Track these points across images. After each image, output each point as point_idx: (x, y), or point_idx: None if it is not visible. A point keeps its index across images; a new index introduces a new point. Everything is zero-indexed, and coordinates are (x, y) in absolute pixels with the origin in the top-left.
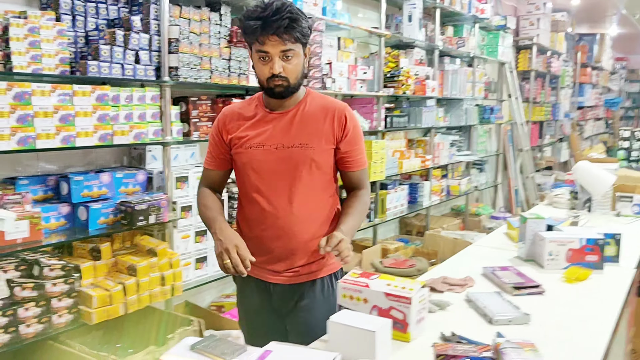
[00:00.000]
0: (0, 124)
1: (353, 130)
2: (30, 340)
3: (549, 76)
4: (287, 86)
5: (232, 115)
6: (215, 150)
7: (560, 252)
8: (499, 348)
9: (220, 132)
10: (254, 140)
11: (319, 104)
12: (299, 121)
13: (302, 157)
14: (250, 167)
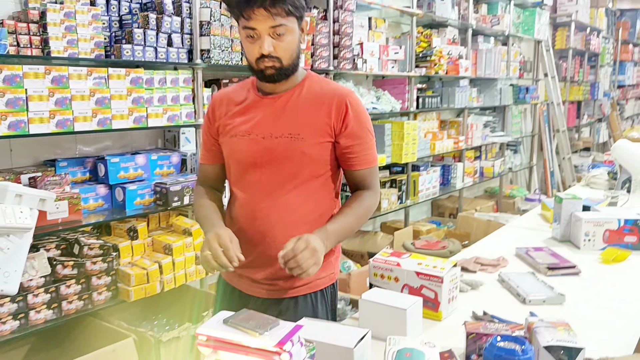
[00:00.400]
0: (40, 107)
1: (355, 121)
2: (72, 316)
3: (588, 54)
4: (279, 68)
5: (222, 99)
6: (208, 141)
7: (597, 233)
8: (532, 327)
9: (209, 119)
10: (240, 127)
11: (318, 89)
12: (292, 108)
13: (291, 150)
14: (234, 159)
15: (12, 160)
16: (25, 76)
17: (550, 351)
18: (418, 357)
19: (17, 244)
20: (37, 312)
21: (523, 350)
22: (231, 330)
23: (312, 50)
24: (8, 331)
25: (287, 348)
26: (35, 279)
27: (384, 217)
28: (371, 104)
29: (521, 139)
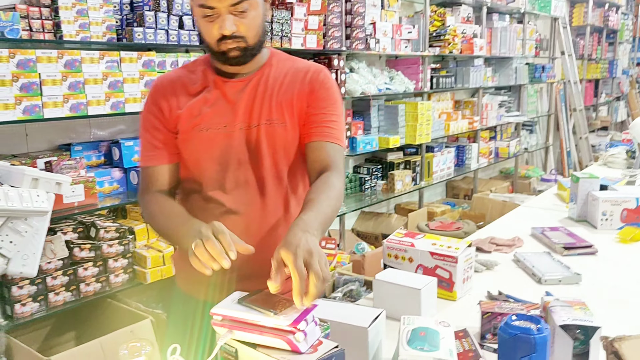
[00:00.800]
0: (53, 91)
1: (326, 92)
2: (90, 298)
3: (606, 31)
4: (244, 48)
5: (173, 87)
6: (159, 136)
7: (614, 212)
8: (547, 306)
9: (160, 110)
10: (211, 120)
11: (288, 67)
12: (265, 91)
13: (271, 139)
14: (209, 157)
15: (27, 145)
16: (38, 60)
17: (566, 330)
18: (433, 336)
19: (35, 227)
20: (56, 294)
21: (539, 329)
22: (246, 309)
23: (324, 30)
24: (28, 313)
25: (302, 327)
26: (54, 262)
27: (398, 199)
28: (384, 84)
29: (537, 118)
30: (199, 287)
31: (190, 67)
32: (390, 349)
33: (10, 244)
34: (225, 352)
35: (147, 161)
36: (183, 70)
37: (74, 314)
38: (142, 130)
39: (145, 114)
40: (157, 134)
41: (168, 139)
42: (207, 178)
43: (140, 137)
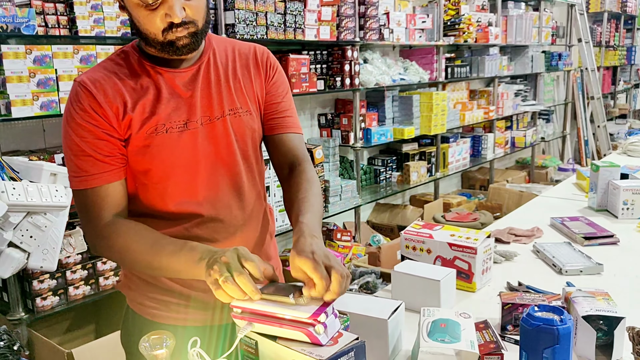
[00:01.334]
0: (70, 87)
1: (281, 76)
2: (109, 291)
3: (624, 17)
4: (194, 33)
5: (111, 85)
6: (103, 148)
7: (636, 201)
8: (569, 297)
9: (102, 116)
10: (168, 118)
11: (229, 47)
12: (219, 78)
13: (240, 129)
14: (174, 164)
15: (45, 141)
16: (54, 56)
17: (589, 321)
18: (453, 327)
19: (54, 222)
20: (76, 287)
21: (562, 320)
22: (266, 302)
23: (338, 21)
24: (49, 306)
25: (322, 319)
26: (73, 256)
27: (413, 190)
28: (399, 75)
29: (554, 107)
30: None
31: (116, 60)
32: (410, 340)
33: (31, 238)
34: (245, 344)
35: (90, 182)
36: (109, 64)
37: (94, 308)
38: (73, 145)
39: (77, 123)
40: (99, 145)
41: (115, 150)
42: (171, 190)
43: (71, 153)
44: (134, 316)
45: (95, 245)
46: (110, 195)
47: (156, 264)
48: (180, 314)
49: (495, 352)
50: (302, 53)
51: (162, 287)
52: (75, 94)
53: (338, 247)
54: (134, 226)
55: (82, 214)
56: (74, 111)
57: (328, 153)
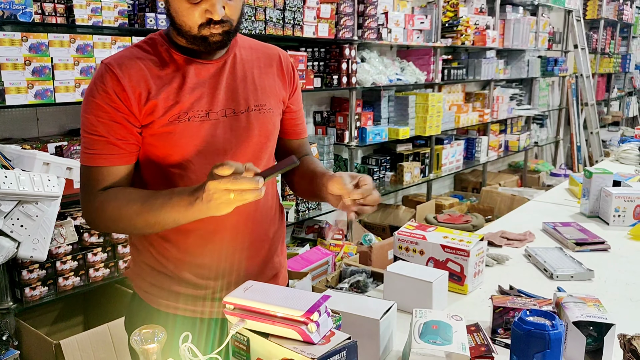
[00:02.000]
0: (65, 76)
1: (299, 84)
2: (99, 283)
3: (620, 25)
4: (228, 31)
5: (137, 70)
6: (118, 131)
7: (627, 209)
8: (560, 302)
9: (123, 100)
10: (191, 107)
11: (253, 47)
12: (245, 74)
13: (263, 125)
14: (193, 151)
15: (38, 129)
16: (50, 44)
17: (580, 327)
18: (445, 329)
19: (46, 211)
20: (65, 278)
21: (553, 325)
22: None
23: (336, 19)
24: (37, 296)
25: (315, 318)
26: (63, 247)
27: (406, 191)
28: (395, 75)
29: (548, 112)
30: (174, 300)
31: (144, 47)
32: (401, 341)
33: (21, 227)
34: (237, 341)
35: (97, 160)
36: (137, 50)
37: (83, 299)
38: (89, 123)
39: (96, 103)
40: (115, 128)
41: (128, 135)
42: (189, 176)
43: (86, 130)
44: (140, 303)
45: (90, 219)
46: (113, 175)
47: (152, 220)
48: (188, 304)
49: (485, 355)
50: (299, 50)
51: (170, 276)
52: (100, 74)
53: (329, 246)
54: (121, 191)
55: (81, 189)
56: (96, 91)
57: (323, 151)
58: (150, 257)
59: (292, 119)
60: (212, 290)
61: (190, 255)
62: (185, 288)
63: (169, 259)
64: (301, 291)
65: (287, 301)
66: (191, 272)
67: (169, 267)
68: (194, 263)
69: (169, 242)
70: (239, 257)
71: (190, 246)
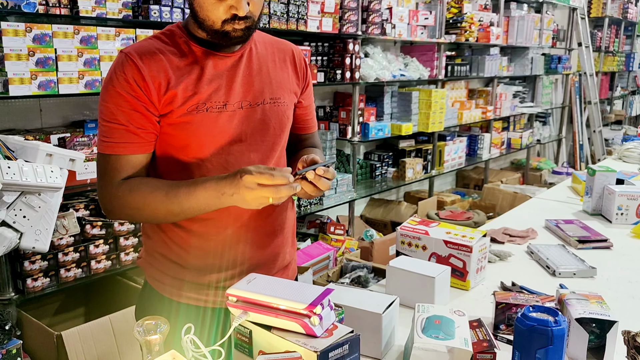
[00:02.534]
0: (69, 67)
1: (310, 78)
2: (100, 275)
3: (625, 23)
4: (250, 27)
5: (156, 60)
6: (138, 120)
7: (630, 207)
8: (563, 299)
9: (143, 89)
10: (209, 98)
11: (268, 42)
12: (261, 68)
13: (278, 118)
14: (210, 141)
15: (42, 121)
16: (54, 36)
17: (582, 323)
18: (448, 324)
19: (48, 202)
20: (67, 270)
21: (556, 321)
22: (261, 291)
23: (340, 14)
24: (39, 287)
25: (318, 311)
26: (65, 238)
27: (407, 187)
28: (399, 70)
29: (551, 110)
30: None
31: (162, 38)
32: (403, 335)
33: (24, 218)
34: (239, 333)
35: (116, 149)
36: (156, 41)
37: (84, 291)
38: (108, 112)
39: (116, 91)
40: (135, 117)
41: (148, 124)
42: (204, 166)
43: (105, 119)
44: (151, 292)
45: (109, 208)
46: (131, 164)
47: (177, 209)
48: (192, 292)
49: (488, 351)
50: (303, 44)
51: (176, 262)
52: (120, 63)
53: (331, 241)
54: (144, 181)
55: (100, 177)
56: (116, 79)
57: (325, 146)
58: (161, 244)
59: (303, 113)
60: (216, 279)
61: (204, 242)
62: (198, 277)
63: (183, 247)
64: (304, 284)
65: (290, 294)
66: (204, 260)
67: (182, 256)
68: (208, 250)
69: (182, 229)
70: (246, 247)
71: (204, 233)
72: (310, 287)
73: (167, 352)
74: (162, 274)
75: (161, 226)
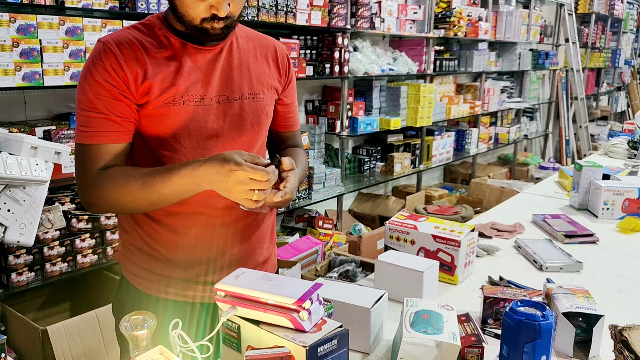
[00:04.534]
0: (54, 59)
1: (294, 77)
2: (87, 269)
3: (611, 20)
4: (228, 26)
5: (134, 50)
6: (117, 108)
7: (616, 202)
8: (550, 293)
9: (121, 78)
10: (186, 91)
11: (250, 36)
12: (241, 63)
13: (256, 114)
14: (186, 134)
15: (26, 113)
16: (39, 26)
17: (569, 317)
18: (436, 319)
19: (33, 196)
20: (53, 264)
21: (544, 315)
22: (250, 286)
23: (329, 7)
24: (24, 282)
25: (306, 306)
26: (51, 232)
27: (396, 182)
28: (387, 65)
29: (538, 105)
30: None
31: (141, 28)
32: (391, 330)
33: (8, 212)
34: (227, 328)
35: (95, 138)
36: (134, 31)
37: (70, 285)
38: (87, 101)
39: (95, 80)
40: (115, 105)
41: (128, 112)
42: (178, 159)
43: (83, 108)
44: (128, 287)
45: (88, 198)
46: (111, 154)
47: (155, 198)
48: (179, 289)
49: (476, 345)
50: (292, 37)
51: (159, 259)
52: (97, 52)
53: (319, 235)
54: (122, 170)
55: (78, 167)
56: (95, 69)
57: (314, 140)
58: (139, 239)
59: (285, 111)
60: (203, 274)
61: (179, 236)
62: (175, 271)
63: (159, 241)
64: (293, 279)
65: (279, 289)
66: (181, 253)
67: (158, 250)
68: (184, 244)
69: (157, 223)
70: (229, 240)
71: (179, 227)
72: (299, 282)
73: (155, 348)
74: (138, 267)
75: (137, 219)
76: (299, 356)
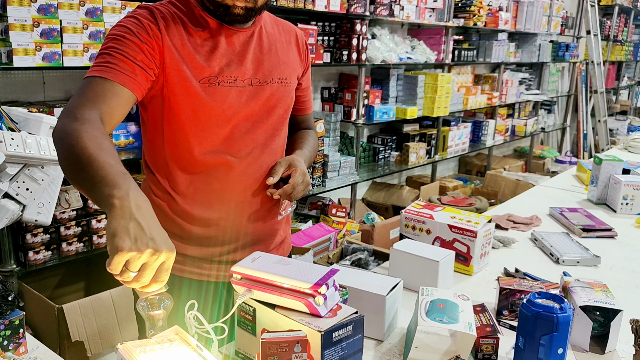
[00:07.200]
0: (73, 39)
1: (310, 60)
2: (102, 249)
3: (635, 12)
4: (251, 9)
5: (173, 19)
6: (144, 60)
7: (636, 197)
8: (568, 286)
9: (156, 33)
10: (224, 71)
11: (274, 22)
12: (271, 47)
13: (284, 98)
14: (220, 114)
15: (45, 93)
16: (59, 7)
17: (586, 311)
18: (452, 308)
19: (51, 175)
20: (69, 244)
21: (562, 308)
22: (266, 269)
23: None
24: (41, 260)
25: (322, 291)
26: (68, 212)
27: (410, 171)
28: (405, 53)
29: (556, 98)
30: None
31: (177, 4)
32: (405, 318)
33: (27, 191)
34: (242, 310)
35: (108, 73)
36: (172, 7)
37: (85, 265)
38: (113, 42)
39: (128, 27)
40: (140, 56)
41: (149, 69)
42: (207, 139)
43: (105, 51)
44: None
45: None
46: (116, 98)
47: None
48: (195, 267)
49: (491, 336)
50: (310, 23)
51: (178, 235)
52: (138, 13)
53: (332, 223)
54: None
55: (76, 96)
56: (130, 21)
57: (329, 128)
58: (160, 213)
59: (301, 95)
60: (218, 252)
61: (198, 209)
62: (191, 248)
63: (178, 213)
64: (309, 264)
65: (295, 273)
66: (198, 229)
67: (177, 222)
68: (202, 218)
69: (179, 195)
70: (245, 220)
71: (198, 201)
72: (316, 267)
73: (170, 328)
74: None
75: (161, 197)
76: (314, 341)
